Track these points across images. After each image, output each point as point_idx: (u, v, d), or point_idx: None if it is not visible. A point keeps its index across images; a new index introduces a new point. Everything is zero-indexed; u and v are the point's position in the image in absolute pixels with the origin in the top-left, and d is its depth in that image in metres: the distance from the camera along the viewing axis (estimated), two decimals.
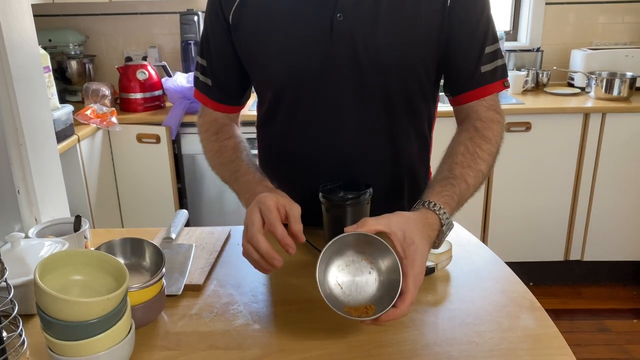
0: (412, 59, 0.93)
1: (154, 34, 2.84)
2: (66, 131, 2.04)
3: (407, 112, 0.99)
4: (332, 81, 0.94)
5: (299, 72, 0.95)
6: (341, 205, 0.88)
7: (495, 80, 0.96)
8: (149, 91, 2.49)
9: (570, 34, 2.84)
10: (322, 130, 0.99)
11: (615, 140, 2.36)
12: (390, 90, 0.96)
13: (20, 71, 1.02)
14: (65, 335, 0.65)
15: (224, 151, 1.00)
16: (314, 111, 0.98)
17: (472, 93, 0.96)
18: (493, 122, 0.94)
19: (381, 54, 0.91)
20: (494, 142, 0.92)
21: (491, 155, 0.91)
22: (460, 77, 0.96)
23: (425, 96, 1.01)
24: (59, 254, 0.71)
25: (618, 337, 2.22)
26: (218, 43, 1.01)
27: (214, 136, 1.04)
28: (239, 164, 0.96)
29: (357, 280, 0.75)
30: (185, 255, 0.98)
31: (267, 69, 0.98)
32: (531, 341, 0.74)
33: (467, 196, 0.87)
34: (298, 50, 0.93)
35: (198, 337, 0.76)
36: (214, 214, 2.49)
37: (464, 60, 0.95)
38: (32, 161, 1.06)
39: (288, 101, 1.00)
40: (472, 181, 0.87)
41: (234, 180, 0.95)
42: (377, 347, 0.73)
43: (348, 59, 0.92)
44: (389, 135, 1.00)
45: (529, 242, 2.53)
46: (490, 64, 0.95)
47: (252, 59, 0.99)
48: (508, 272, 0.93)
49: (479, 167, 0.89)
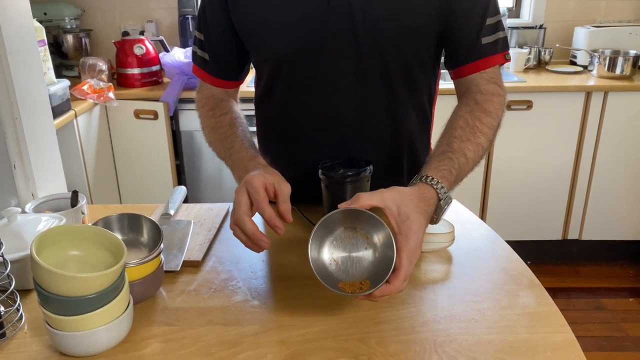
0: (410, 30, 0.91)
1: (151, 8, 2.79)
2: (63, 106, 2.02)
3: (407, 87, 0.98)
4: (330, 55, 0.93)
5: (297, 46, 0.93)
6: (341, 182, 0.87)
7: (497, 52, 0.94)
8: (146, 66, 2.46)
9: (573, 11, 2.79)
10: (321, 106, 0.98)
11: (616, 119, 2.34)
12: (389, 64, 0.94)
13: (14, 43, 1.00)
14: (63, 310, 0.64)
15: (219, 127, 0.99)
16: (312, 86, 0.97)
17: (473, 65, 0.94)
18: (494, 95, 0.92)
19: (379, 25, 0.89)
20: (495, 115, 0.91)
21: (491, 128, 0.90)
22: (461, 48, 0.94)
23: (424, 71, 0.99)
24: (55, 229, 0.70)
25: (614, 315, 2.24)
26: (215, 17, 0.99)
27: (211, 112, 1.02)
28: (234, 140, 0.95)
29: (352, 256, 0.75)
30: (183, 231, 0.97)
31: (264, 44, 0.96)
32: (530, 319, 0.74)
33: (466, 170, 0.86)
34: (295, 24, 0.92)
35: (197, 313, 0.76)
36: (212, 191, 2.49)
37: (464, 31, 0.93)
38: (28, 135, 1.04)
39: (286, 77, 0.98)
40: (472, 155, 0.85)
41: (228, 156, 0.94)
42: (376, 324, 0.73)
43: (346, 31, 0.90)
44: (388, 110, 0.99)
45: (527, 221, 2.53)
46: (492, 36, 0.93)
47: (250, 34, 0.97)
48: (508, 250, 0.92)
49: (478, 140, 0.87)
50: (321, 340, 0.70)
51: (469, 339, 0.70)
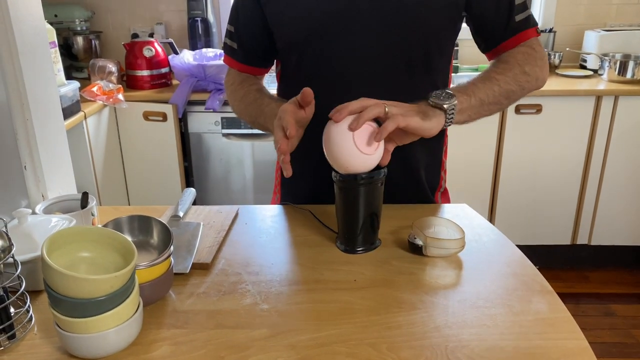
0: (434, 13, 0.96)
1: (160, 10, 2.80)
2: (72, 108, 2.03)
3: (425, 65, 1.01)
4: (353, 34, 0.97)
5: (321, 25, 0.98)
6: (354, 185, 0.87)
7: (530, 26, 1.00)
8: (155, 68, 2.47)
9: (583, 15, 2.78)
10: (343, 88, 1.00)
11: (627, 124, 2.32)
12: (411, 41, 0.98)
13: (25, 44, 1.00)
14: (73, 312, 0.64)
15: (248, 94, 1.07)
16: (335, 68, 1.01)
17: (510, 41, 1.00)
18: (519, 53, 0.99)
19: (401, 7, 0.95)
20: (514, 63, 0.98)
21: (508, 70, 0.97)
22: (496, 29, 1.01)
23: (442, 50, 1.03)
24: (66, 231, 0.70)
25: (624, 322, 2.22)
26: (246, 9, 1.06)
27: (239, 85, 1.11)
28: (263, 99, 1.03)
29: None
30: (193, 233, 0.97)
31: (289, 27, 1.02)
32: (543, 325, 0.73)
33: (484, 95, 0.94)
34: (322, 5, 0.97)
35: (206, 316, 0.76)
36: (220, 193, 2.49)
37: (496, 12, 0.99)
38: (39, 136, 1.05)
39: (310, 59, 1.02)
40: (480, 82, 0.96)
41: (260, 113, 1.02)
42: (387, 329, 0.72)
43: (371, 10, 0.96)
44: (408, 89, 1.01)
45: (536, 225, 2.52)
46: (523, 13, 0.99)
47: (277, 17, 1.02)
48: (519, 255, 0.91)
49: (491, 75, 0.97)
50: (331, 344, 0.69)
51: (481, 345, 0.69)
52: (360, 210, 0.88)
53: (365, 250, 0.91)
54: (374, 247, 0.92)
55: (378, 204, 0.90)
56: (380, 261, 0.89)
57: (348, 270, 0.86)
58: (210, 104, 2.28)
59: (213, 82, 2.34)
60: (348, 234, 0.91)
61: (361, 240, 0.91)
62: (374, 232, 0.93)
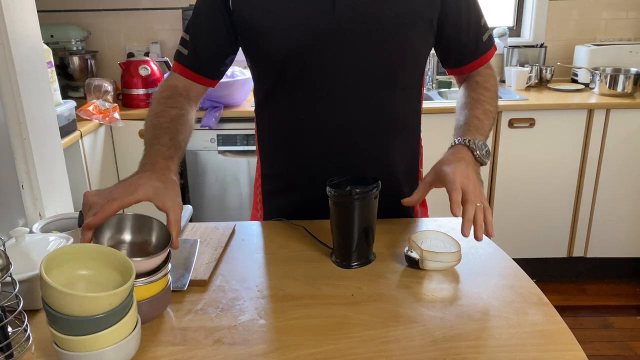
0: (412, 33, 1.01)
1: (155, 29, 2.83)
2: (68, 127, 2.04)
3: (403, 81, 1.06)
4: (334, 51, 0.99)
5: (301, 46, 0.99)
6: (349, 200, 0.88)
7: (491, 45, 1.11)
8: (151, 87, 2.48)
9: (573, 30, 2.82)
10: (324, 104, 1.03)
11: (619, 136, 2.35)
12: (391, 58, 1.01)
13: (23, 64, 1.02)
14: (71, 330, 0.64)
15: (162, 116, 0.99)
16: (315, 87, 1.02)
17: (477, 62, 1.10)
18: (490, 77, 1.11)
19: (379, 26, 0.98)
20: (493, 91, 1.09)
21: (492, 99, 1.07)
22: (465, 49, 1.09)
23: (418, 66, 1.08)
24: (64, 249, 0.70)
25: (621, 334, 2.22)
26: (208, 18, 1.03)
27: (163, 100, 1.03)
28: (165, 134, 0.94)
29: None
30: (190, 250, 0.97)
31: (269, 45, 1.01)
32: (540, 337, 0.73)
33: (484, 125, 1.02)
34: (300, 26, 0.98)
35: (204, 333, 0.76)
36: (215, 210, 2.49)
37: (467, 33, 1.06)
38: (36, 155, 1.05)
39: (292, 75, 1.02)
40: (482, 115, 1.03)
41: (150, 144, 0.93)
42: (385, 343, 0.72)
43: (349, 31, 0.98)
44: (387, 103, 1.06)
45: (532, 239, 2.52)
46: (487, 32, 1.09)
47: (255, 35, 1.01)
48: (515, 268, 0.92)
49: (485, 107, 1.05)
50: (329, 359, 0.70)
51: (479, 357, 0.69)
52: (355, 225, 0.89)
53: (360, 264, 0.92)
54: (369, 262, 0.93)
55: (372, 218, 0.91)
56: (376, 275, 0.89)
57: (345, 285, 0.87)
58: (205, 122, 2.29)
59: (208, 100, 2.36)
60: (344, 249, 0.92)
61: (356, 255, 0.91)
62: (369, 247, 0.93)
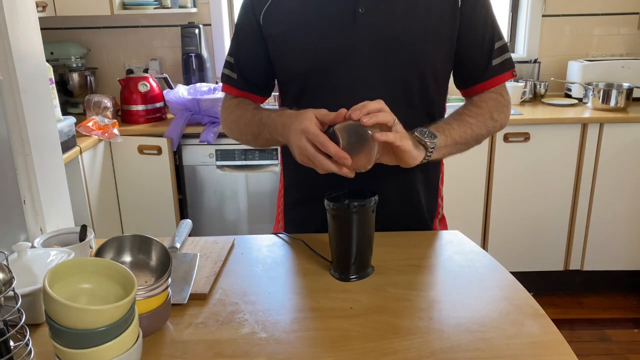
0: (429, 49, 1.01)
1: (155, 46, 2.86)
2: (68, 143, 2.05)
3: (423, 98, 1.06)
4: (354, 68, 1.01)
5: (322, 61, 1.02)
6: (347, 213, 0.89)
7: (505, 71, 1.08)
8: (150, 103, 2.51)
9: (566, 46, 2.87)
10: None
11: (612, 150, 2.37)
12: (410, 75, 1.03)
13: (27, 82, 1.03)
14: (73, 343, 0.65)
15: (244, 115, 1.08)
16: (336, 99, 1.02)
17: (484, 84, 1.08)
18: (490, 100, 1.07)
19: (399, 43, 1.00)
20: (485, 109, 1.06)
21: (479, 115, 1.04)
22: (474, 70, 1.08)
23: (438, 83, 1.08)
24: (68, 263, 0.72)
25: (619, 347, 2.22)
26: (247, 40, 1.09)
27: (235, 107, 1.12)
28: (262, 113, 1.04)
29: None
30: (190, 264, 0.98)
31: (291, 60, 1.05)
32: (536, 348, 0.74)
33: (446, 130, 0.99)
34: (322, 41, 1.01)
35: (204, 346, 0.77)
36: (214, 225, 2.50)
37: (477, 55, 1.06)
38: (38, 171, 1.07)
39: (313, 88, 1.06)
40: (455, 123, 1.01)
41: (263, 126, 1.02)
42: (383, 355, 0.73)
43: (369, 47, 1.00)
44: (406, 120, 1.05)
45: (528, 252, 2.54)
46: (499, 58, 1.07)
47: (281, 50, 1.06)
48: (511, 280, 0.93)
49: (464, 118, 1.03)
50: None
51: None
52: (353, 238, 0.90)
53: (358, 277, 0.93)
54: (367, 275, 0.94)
55: (371, 231, 0.92)
56: (375, 288, 0.90)
57: (344, 297, 0.88)
58: (204, 137, 2.31)
59: (207, 116, 2.38)
60: (342, 262, 0.93)
61: (355, 267, 0.93)
62: (367, 260, 0.94)
